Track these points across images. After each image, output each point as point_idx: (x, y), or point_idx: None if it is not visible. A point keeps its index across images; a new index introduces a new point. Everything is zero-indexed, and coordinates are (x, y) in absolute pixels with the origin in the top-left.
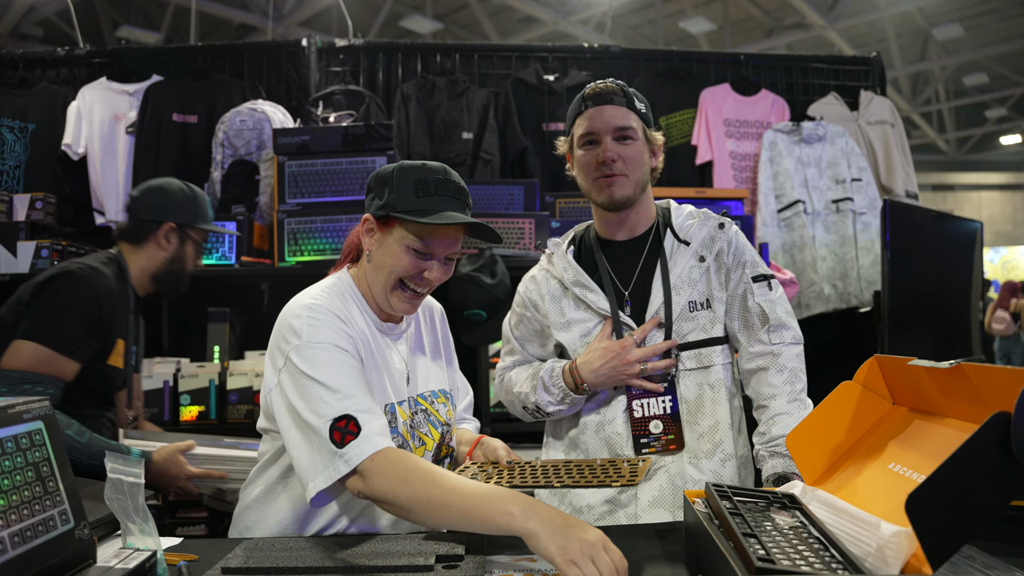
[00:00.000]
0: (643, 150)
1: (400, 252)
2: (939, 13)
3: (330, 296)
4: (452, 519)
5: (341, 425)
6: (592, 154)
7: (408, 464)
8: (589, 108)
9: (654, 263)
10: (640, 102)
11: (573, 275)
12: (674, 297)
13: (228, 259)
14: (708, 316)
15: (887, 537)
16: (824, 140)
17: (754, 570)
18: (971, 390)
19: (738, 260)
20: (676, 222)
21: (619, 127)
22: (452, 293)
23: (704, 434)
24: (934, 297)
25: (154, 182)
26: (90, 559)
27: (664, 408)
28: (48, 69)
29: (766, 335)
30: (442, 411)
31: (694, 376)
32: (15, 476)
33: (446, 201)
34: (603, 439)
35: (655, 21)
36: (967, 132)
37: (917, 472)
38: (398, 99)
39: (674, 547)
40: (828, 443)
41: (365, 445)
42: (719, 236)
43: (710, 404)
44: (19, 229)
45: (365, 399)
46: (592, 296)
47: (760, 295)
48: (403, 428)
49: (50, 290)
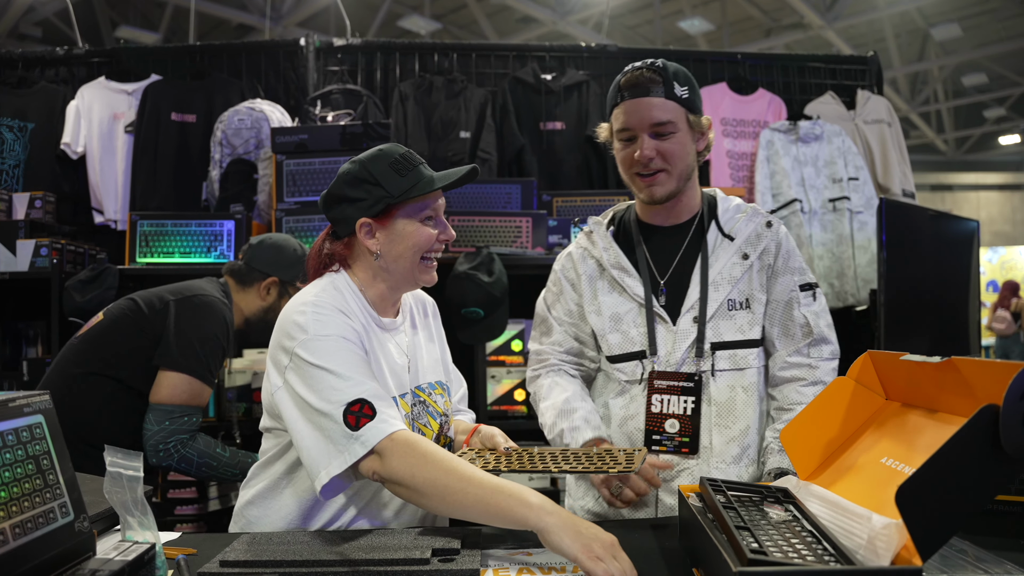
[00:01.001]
0: (685, 141)
1: (416, 230)
2: (938, 13)
3: (331, 293)
4: (468, 507)
5: (355, 409)
6: (630, 150)
7: (426, 449)
8: (625, 100)
9: (694, 255)
10: (682, 85)
11: (613, 257)
12: (712, 294)
13: (226, 257)
14: (747, 317)
15: (878, 529)
16: (821, 139)
17: (747, 562)
18: (962, 384)
19: (787, 265)
20: (722, 215)
21: (656, 123)
22: (449, 291)
23: (734, 438)
24: (931, 296)
25: (276, 239)
26: (90, 551)
27: (685, 408)
28: (47, 68)
29: (806, 348)
30: (440, 402)
31: (726, 377)
32: (16, 469)
33: (420, 168)
34: (626, 434)
35: (653, 21)
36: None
37: (909, 466)
38: (396, 98)
39: (670, 541)
40: (822, 438)
41: (382, 426)
42: (766, 235)
43: (742, 407)
44: (18, 228)
45: (376, 386)
46: (629, 281)
47: (806, 305)
48: (404, 420)
49: (192, 322)
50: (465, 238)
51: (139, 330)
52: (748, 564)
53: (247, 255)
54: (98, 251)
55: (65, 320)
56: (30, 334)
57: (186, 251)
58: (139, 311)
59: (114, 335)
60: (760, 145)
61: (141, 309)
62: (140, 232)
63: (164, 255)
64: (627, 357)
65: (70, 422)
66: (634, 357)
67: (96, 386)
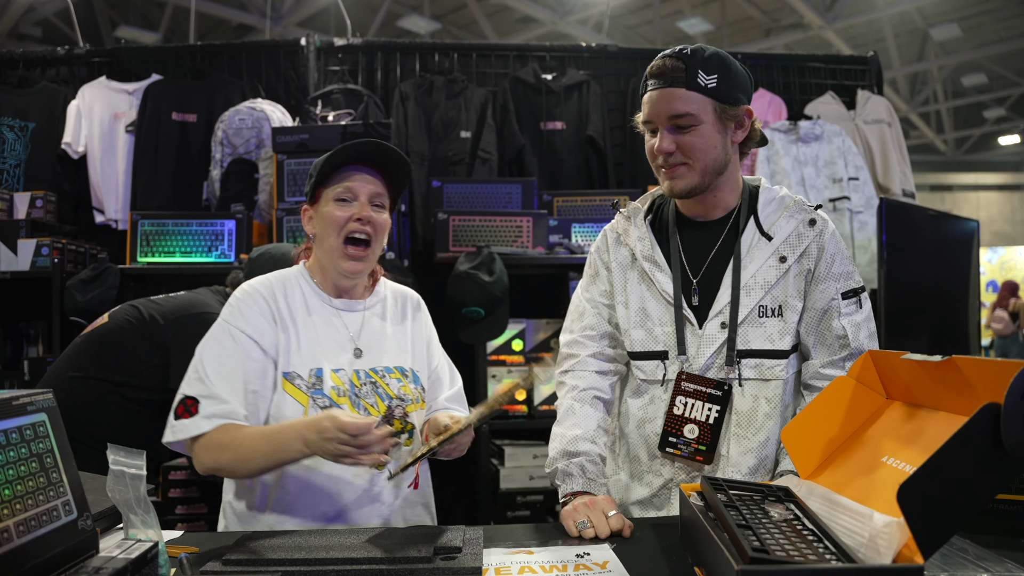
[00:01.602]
0: (710, 133)
1: (330, 209)
2: (937, 13)
3: (270, 279)
4: (260, 462)
5: (188, 403)
6: (652, 143)
7: (224, 435)
8: (648, 90)
9: (728, 254)
10: (711, 73)
11: (647, 249)
12: (743, 298)
13: (227, 257)
14: (778, 326)
15: (879, 528)
16: (821, 139)
17: (749, 560)
18: (963, 383)
19: (829, 271)
20: (762, 209)
21: (675, 115)
22: (450, 290)
23: (752, 450)
24: (931, 296)
25: (275, 251)
26: (92, 549)
27: (708, 416)
28: (48, 68)
29: (843, 362)
30: (394, 386)
31: (751, 387)
32: (19, 467)
33: (354, 148)
34: (643, 436)
35: (653, 21)
36: (965, 132)
37: (910, 464)
38: (396, 98)
39: (670, 541)
40: (822, 437)
41: (191, 427)
42: (807, 235)
43: (763, 419)
44: (19, 227)
45: (222, 387)
46: (660, 276)
47: (847, 315)
48: (331, 392)
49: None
50: (466, 238)
51: (140, 339)
52: (750, 563)
53: (247, 267)
54: (99, 251)
55: (66, 319)
56: (31, 333)
57: (187, 251)
58: (142, 320)
59: (115, 341)
60: None
61: (144, 320)
62: (141, 231)
63: (165, 254)
64: (648, 356)
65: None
66: (656, 357)
67: (92, 387)
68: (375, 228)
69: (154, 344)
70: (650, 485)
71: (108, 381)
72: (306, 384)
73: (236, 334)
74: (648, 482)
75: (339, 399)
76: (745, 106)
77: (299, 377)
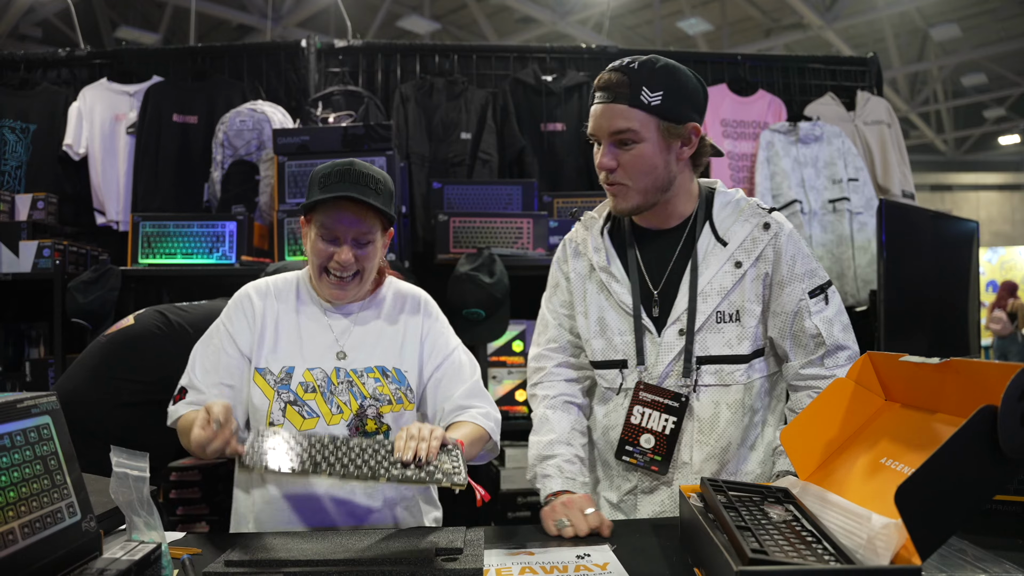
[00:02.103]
0: (651, 152)
1: (314, 241)
2: (937, 13)
3: (270, 281)
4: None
5: (183, 391)
6: (598, 156)
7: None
8: (594, 103)
9: (687, 260)
10: (656, 90)
11: (603, 260)
12: (701, 305)
13: (228, 258)
14: (736, 331)
15: (877, 529)
16: (821, 140)
17: (748, 561)
18: (961, 385)
19: (792, 273)
20: (717, 214)
21: (615, 131)
22: (450, 292)
23: (714, 455)
24: (931, 297)
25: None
26: (96, 551)
27: (664, 427)
28: (49, 70)
29: (821, 360)
30: (370, 385)
31: (711, 393)
32: (24, 469)
33: (343, 186)
34: (608, 442)
35: (653, 22)
36: (965, 132)
37: (908, 466)
38: (397, 100)
39: (670, 541)
40: (821, 439)
41: (172, 413)
42: (762, 238)
43: (724, 425)
44: (21, 229)
45: (203, 379)
46: (617, 287)
47: (817, 312)
48: (298, 387)
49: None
50: (466, 239)
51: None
52: (749, 563)
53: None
54: (100, 252)
55: (68, 321)
56: (32, 335)
57: (188, 252)
58: (171, 327)
59: (144, 344)
60: (760, 146)
61: (173, 327)
62: (142, 233)
63: (166, 256)
64: (609, 364)
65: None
66: (615, 365)
67: (115, 387)
68: (360, 263)
69: (181, 351)
70: (618, 489)
71: (132, 381)
72: (275, 379)
73: (221, 332)
74: (617, 486)
75: (306, 395)
76: (692, 123)
77: (270, 373)
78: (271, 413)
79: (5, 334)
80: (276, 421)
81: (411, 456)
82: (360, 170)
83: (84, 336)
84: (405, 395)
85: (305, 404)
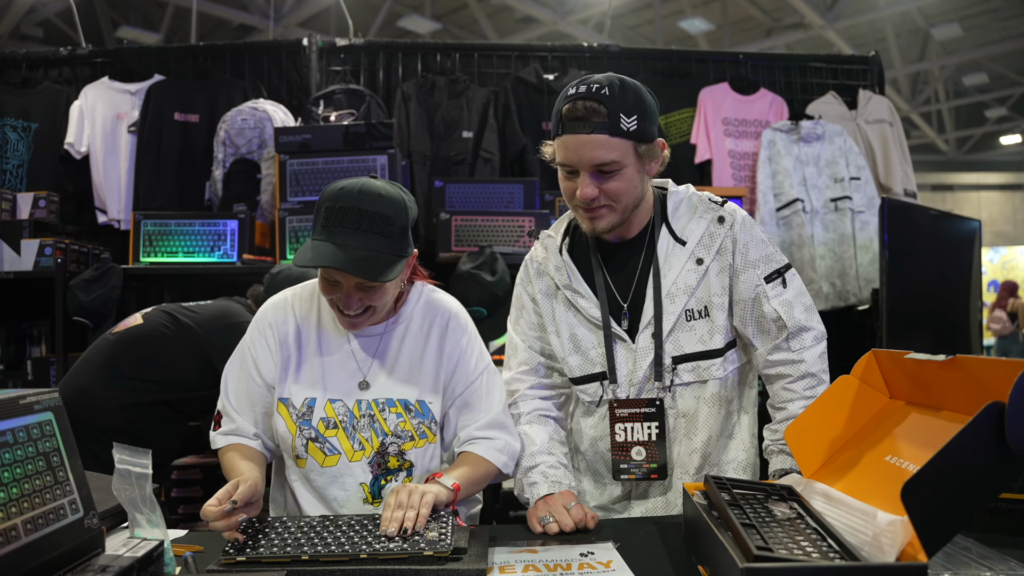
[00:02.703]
0: (631, 175)
1: (320, 278)
2: (938, 13)
3: (293, 296)
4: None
5: (218, 417)
6: (571, 185)
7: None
8: (566, 133)
9: (649, 268)
10: (631, 114)
11: (564, 278)
12: (669, 306)
13: (230, 257)
14: (707, 326)
15: (883, 526)
16: (823, 139)
17: (753, 559)
18: (967, 382)
19: (746, 260)
20: (672, 214)
21: (598, 163)
22: (452, 290)
23: (696, 449)
24: (932, 296)
25: (292, 270)
26: (99, 548)
27: (650, 435)
28: (51, 69)
29: (786, 343)
30: (392, 421)
31: (691, 390)
32: (26, 465)
33: (339, 232)
34: (597, 453)
35: (654, 21)
36: (967, 132)
37: (913, 464)
38: (398, 98)
39: (673, 540)
40: (826, 436)
41: (213, 441)
42: (719, 232)
43: (704, 419)
44: (23, 227)
45: (236, 404)
46: (583, 303)
47: (775, 297)
48: (319, 424)
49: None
50: (468, 238)
51: (176, 344)
52: (755, 560)
53: (267, 283)
54: (102, 251)
55: (69, 320)
56: (34, 333)
57: (189, 250)
58: (179, 326)
59: (152, 343)
60: (762, 145)
61: (181, 326)
62: (144, 232)
63: (168, 255)
64: (588, 379)
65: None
66: (596, 379)
67: (123, 385)
68: (370, 300)
69: (190, 351)
70: (611, 496)
71: (139, 380)
72: (296, 413)
73: (246, 357)
74: (609, 493)
75: (327, 431)
76: (659, 139)
77: (292, 406)
78: (295, 448)
79: (7, 333)
80: (300, 456)
81: (396, 529)
82: (365, 208)
83: (85, 334)
84: (428, 428)
85: (327, 441)
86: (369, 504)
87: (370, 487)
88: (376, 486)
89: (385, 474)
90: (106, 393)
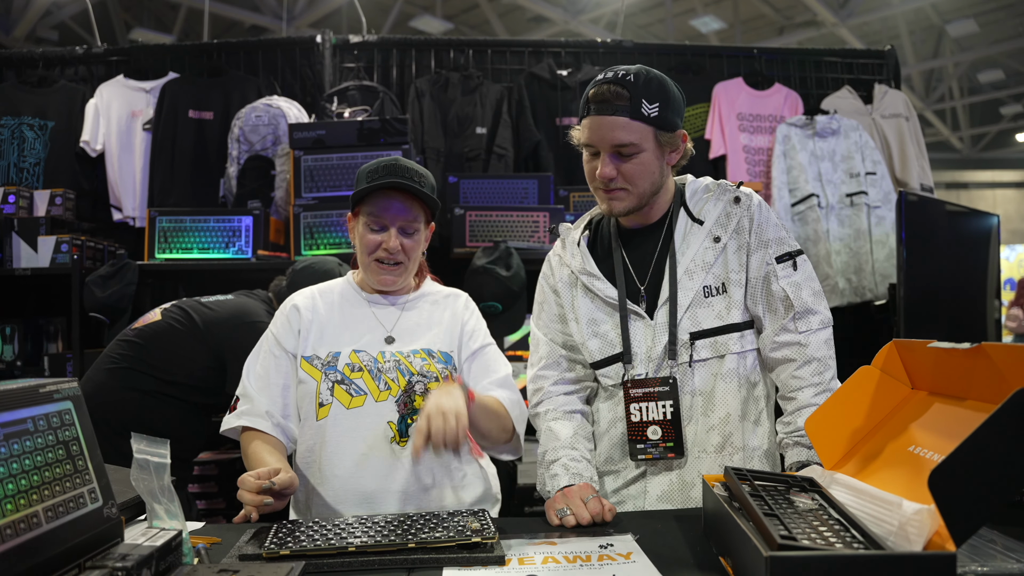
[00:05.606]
0: (649, 160)
1: (363, 233)
2: (953, 9)
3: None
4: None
5: (236, 402)
6: (593, 165)
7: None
8: (591, 114)
9: (668, 249)
10: (653, 102)
11: (580, 263)
12: (687, 283)
13: (244, 253)
14: (724, 302)
15: (909, 515)
16: (838, 134)
17: (777, 547)
18: (992, 371)
19: (760, 239)
20: (690, 199)
21: (618, 144)
22: (467, 286)
23: (715, 427)
24: (949, 291)
25: (317, 265)
26: (118, 537)
27: (664, 413)
28: (67, 67)
29: (792, 323)
30: (417, 363)
31: (709, 366)
32: (47, 453)
33: (390, 178)
34: (612, 437)
35: (665, 20)
36: (982, 129)
37: (938, 454)
38: (412, 94)
39: (693, 532)
40: (847, 428)
41: (226, 422)
42: (735, 212)
43: (722, 395)
44: (39, 224)
45: (257, 385)
46: (599, 284)
47: (784, 277)
48: (345, 368)
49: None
50: (482, 233)
51: (189, 341)
52: (779, 549)
53: (290, 277)
54: (117, 247)
55: (85, 316)
56: (51, 330)
57: (204, 247)
58: (193, 323)
59: (165, 340)
60: (777, 140)
61: (195, 323)
62: (159, 228)
63: (183, 251)
64: (609, 361)
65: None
66: (616, 360)
67: (137, 380)
68: (405, 251)
69: (203, 347)
70: (626, 478)
71: (157, 378)
72: (321, 362)
73: (268, 339)
74: (624, 475)
75: (353, 374)
76: (681, 131)
77: (317, 358)
78: (319, 394)
79: (24, 329)
80: (324, 401)
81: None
82: (405, 165)
83: (102, 330)
84: (452, 373)
85: (352, 383)
86: (396, 443)
87: (397, 425)
88: (403, 424)
89: (412, 413)
90: (124, 391)
